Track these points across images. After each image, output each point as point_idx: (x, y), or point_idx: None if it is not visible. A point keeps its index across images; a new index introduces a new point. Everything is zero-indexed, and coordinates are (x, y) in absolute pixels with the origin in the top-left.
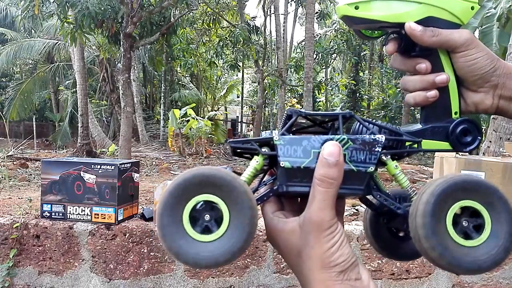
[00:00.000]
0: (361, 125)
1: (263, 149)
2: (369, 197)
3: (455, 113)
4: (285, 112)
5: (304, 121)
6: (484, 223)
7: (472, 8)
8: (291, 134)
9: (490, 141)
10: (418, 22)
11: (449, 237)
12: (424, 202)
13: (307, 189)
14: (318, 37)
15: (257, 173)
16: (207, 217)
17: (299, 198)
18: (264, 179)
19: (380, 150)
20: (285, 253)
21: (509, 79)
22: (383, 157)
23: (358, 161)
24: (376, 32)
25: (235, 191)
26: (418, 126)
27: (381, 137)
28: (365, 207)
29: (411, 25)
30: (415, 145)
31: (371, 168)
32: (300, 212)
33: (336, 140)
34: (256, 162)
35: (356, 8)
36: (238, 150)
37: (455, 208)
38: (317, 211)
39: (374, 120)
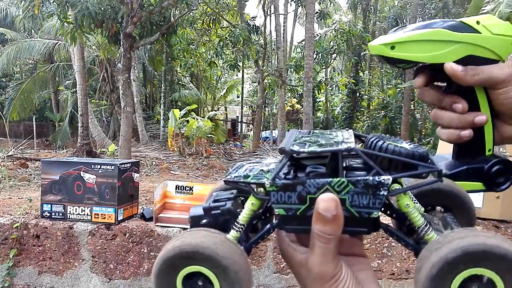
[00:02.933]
0: (376, 142)
1: (258, 189)
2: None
3: (489, 150)
4: (280, 148)
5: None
6: None
7: None
8: (286, 176)
9: None
10: (457, 62)
11: None
12: (428, 269)
13: (308, 227)
14: (318, 37)
15: (255, 213)
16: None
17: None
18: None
19: (385, 193)
20: (297, 278)
21: None
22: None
23: (361, 206)
24: (412, 64)
25: (227, 270)
26: (449, 160)
27: (388, 179)
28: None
29: (452, 66)
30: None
31: (375, 214)
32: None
33: (335, 185)
34: (252, 203)
35: (392, 48)
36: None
37: (460, 277)
38: (318, 264)
39: (382, 147)
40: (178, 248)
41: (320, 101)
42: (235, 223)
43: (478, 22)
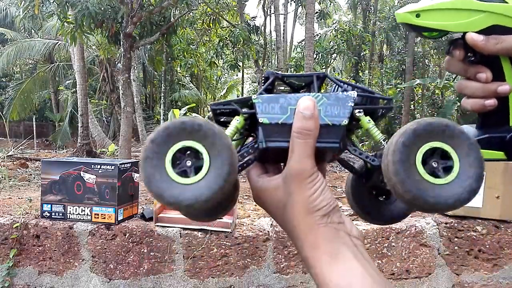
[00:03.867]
0: (337, 86)
1: (243, 109)
2: (348, 159)
3: None
4: (263, 74)
5: (283, 87)
6: (453, 165)
7: None
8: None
9: None
10: (482, 31)
11: (417, 173)
12: (395, 142)
13: (286, 144)
14: (318, 37)
15: (238, 132)
16: (188, 162)
17: (282, 164)
18: (246, 143)
19: (352, 105)
20: (272, 209)
21: None
22: (357, 113)
23: (333, 115)
24: (435, 33)
25: (212, 134)
26: (473, 130)
27: (353, 93)
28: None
29: (473, 36)
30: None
31: (345, 121)
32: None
33: (312, 97)
34: (237, 121)
35: (417, 16)
36: (221, 119)
37: (424, 148)
38: (297, 162)
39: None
40: (180, 121)
41: None
42: None
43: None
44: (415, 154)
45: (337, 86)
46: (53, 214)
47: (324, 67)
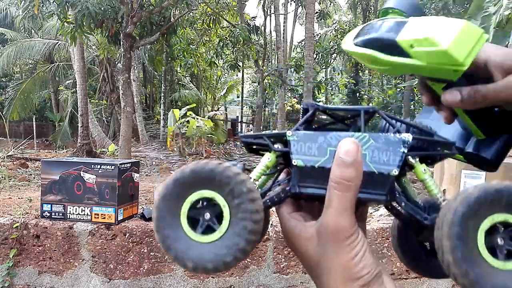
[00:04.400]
0: (387, 123)
1: (275, 145)
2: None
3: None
4: (302, 105)
5: (324, 117)
6: None
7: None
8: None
9: None
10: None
11: (478, 254)
12: (453, 209)
13: (323, 191)
14: (318, 37)
15: (268, 171)
16: (207, 215)
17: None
18: (279, 178)
19: (406, 151)
20: (303, 259)
21: None
22: (411, 159)
23: (380, 162)
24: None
25: (228, 181)
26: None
27: (408, 136)
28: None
29: (447, 98)
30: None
31: (395, 171)
32: (319, 214)
33: (356, 138)
34: (267, 159)
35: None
36: (253, 146)
37: (489, 222)
38: (334, 218)
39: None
40: (190, 169)
41: (320, 101)
42: None
43: (412, 46)
44: (477, 229)
45: (387, 123)
46: (53, 214)
47: (324, 67)
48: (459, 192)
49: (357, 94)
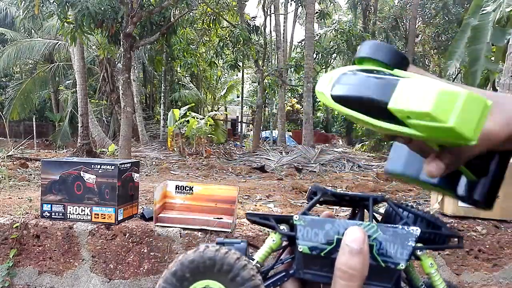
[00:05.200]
0: (394, 211)
1: (281, 227)
2: None
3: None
4: (310, 188)
5: (330, 199)
6: None
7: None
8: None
9: None
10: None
11: None
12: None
13: (327, 279)
14: (318, 37)
15: (273, 251)
16: None
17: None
18: (282, 256)
19: (413, 244)
20: None
21: None
22: (418, 252)
23: (387, 255)
24: None
25: (232, 269)
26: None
27: (416, 230)
28: None
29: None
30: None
31: (402, 265)
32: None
33: (364, 228)
34: (272, 240)
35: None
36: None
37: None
38: None
39: (408, 205)
40: (188, 260)
41: (320, 101)
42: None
43: (408, 117)
44: None
45: (394, 212)
46: (53, 214)
47: (324, 67)
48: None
49: None
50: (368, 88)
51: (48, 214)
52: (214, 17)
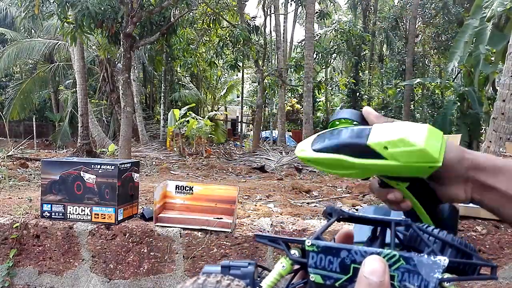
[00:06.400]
0: (419, 239)
1: (292, 251)
2: None
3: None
4: (325, 209)
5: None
6: None
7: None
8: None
9: (490, 141)
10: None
11: None
12: None
13: None
14: (318, 37)
15: (282, 278)
16: None
17: None
18: (294, 280)
19: (440, 276)
20: None
21: (477, 173)
22: (445, 283)
23: (411, 287)
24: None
25: None
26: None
27: (444, 260)
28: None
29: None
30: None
31: None
32: None
33: (384, 256)
34: (282, 266)
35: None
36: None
37: None
38: None
39: (436, 231)
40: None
41: (320, 101)
42: None
43: (386, 147)
44: None
45: (419, 239)
46: (53, 214)
47: (324, 67)
48: None
49: (357, 94)
50: (346, 135)
51: (48, 214)
52: (214, 17)
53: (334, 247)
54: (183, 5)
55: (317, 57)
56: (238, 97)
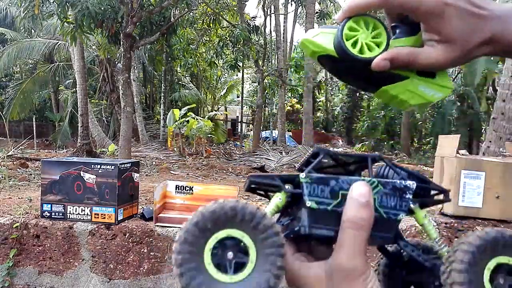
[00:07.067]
0: (387, 170)
1: (286, 187)
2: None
3: None
4: (312, 150)
5: (326, 160)
6: None
7: None
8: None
9: (490, 141)
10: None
11: None
12: (459, 259)
13: (332, 233)
14: None
15: (277, 211)
16: (230, 255)
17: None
18: (281, 219)
19: (411, 197)
20: None
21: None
22: (412, 205)
23: (388, 207)
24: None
25: (254, 218)
26: None
27: (413, 184)
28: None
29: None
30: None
31: (401, 216)
32: (320, 254)
33: (367, 182)
34: (278, 199)
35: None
36: (253, 186)
37: (492, 263)
38: (348, 258)
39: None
40: (209, 211)
41: (320, 101)
42: None
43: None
44: (483, 271)
45: (389, 169)
46: (53, 214)
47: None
48: (464, 237)
49: (357, 94)
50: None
51: (48, 214)
52: (214, 17)
53: (324, 177)
54: (183, 5)
55: None
56: (238, 97)
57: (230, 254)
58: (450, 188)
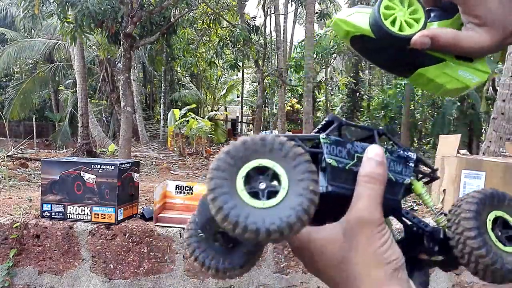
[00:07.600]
0: (389, 145)
1: (307, 148)
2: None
3: None
4: (327, 117)
5: (336, 132)
6: None
7: None
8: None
9: (490, 141)
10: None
11: (490, 240)
12: (466, 208)
13: (349, 192)
14: (318, 37)
15: None
16: (263, 184)
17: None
18: None
19: (413, 165)
20: (321, 264)
21: None
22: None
23: (396, 171)
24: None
25: (283, 147)
26: None
27: (413, 154)
28: None
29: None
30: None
31: (407, 180)
32: (322, 219)
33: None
34: None
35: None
36: None
37: (492, 215)
38: (366, 210)
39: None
40: (241, 141)
41: (320, 101)
42: None
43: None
44: (485, 222)
45: (392, 144)
46: (53, 214)
47: (324, 67)
48: (459, 198)
49: (357, 94)
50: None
51: (48, 214)
52: (214, 17)
53: (341, 140)
54: (183, 5)
55: (317, 57)
56: (238, 97)
57: (262, 183)
58: (451, 188)
